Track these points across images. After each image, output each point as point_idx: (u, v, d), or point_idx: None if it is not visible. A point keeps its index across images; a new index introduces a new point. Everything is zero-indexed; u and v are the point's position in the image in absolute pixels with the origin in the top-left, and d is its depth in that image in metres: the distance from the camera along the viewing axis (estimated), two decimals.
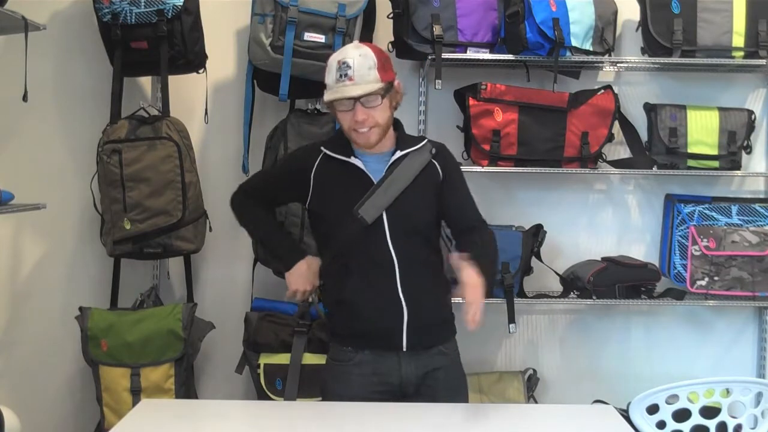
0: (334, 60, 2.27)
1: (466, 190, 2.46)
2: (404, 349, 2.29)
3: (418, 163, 2.35)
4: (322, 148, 2.38)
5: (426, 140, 2.42)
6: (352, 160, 2.32)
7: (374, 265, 2.30)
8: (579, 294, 3.12)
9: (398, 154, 2.33)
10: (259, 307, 2.97)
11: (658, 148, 3.12)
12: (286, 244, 2.59)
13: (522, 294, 3.07)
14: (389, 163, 2.33)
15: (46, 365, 3.19)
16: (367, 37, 3.00)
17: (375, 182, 2.31)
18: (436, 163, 2.39)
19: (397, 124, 2.41)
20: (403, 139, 2.39)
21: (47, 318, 3.19)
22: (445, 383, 2.35)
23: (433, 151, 2.39)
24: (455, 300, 2.34)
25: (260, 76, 3.01)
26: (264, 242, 2.73)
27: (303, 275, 2.42)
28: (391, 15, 3.02)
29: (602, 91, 3.11)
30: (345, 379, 2.33)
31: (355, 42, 2.40)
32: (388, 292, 2.29)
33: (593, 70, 3.25)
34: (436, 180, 2.38)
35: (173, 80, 2.97)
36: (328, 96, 2.27)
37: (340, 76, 2.23)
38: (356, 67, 2.22)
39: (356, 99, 2.23)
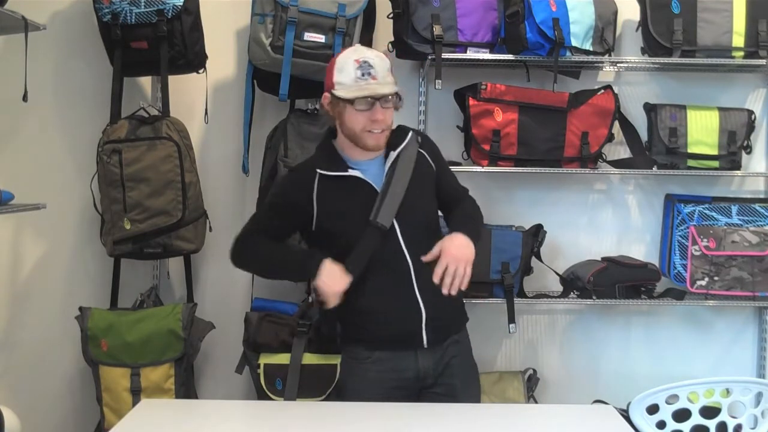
0: (349, 59, 2.24)
1: (449, 170, 2.51)
2: (425, 346, 2.31)
3: (412, 157, 2.36)
4: (318, 169, 2.33)
5: (410, 132, 2.41)
6: (351, 172, 2.31)
7: (389, 270, 2.30)
8: (579, 294, 3.12)
9: (393, 155, 2.33)
10: (259, 307, 2.97)
11: (658, 148, 3.12)
12: (299, 255, 2.43)
13: (522, 294, 3.07)
14: (388, 166, 2.33)
15: (46, 365, 3.19)
16: (367, 37, 3.00)
17: (377, 188, 2.30)
18: (424, 152, 2.41)
19: None
20: (391, 138, 2.37)
21: (47, 318, 3.19)
22: (459, 371, 2.38)
23: (419, 140, 2.42)
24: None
25: (260, 76, 3.01)
26: (278, 270, 2.46)
27: (336, 274, 2.25)
28: (391, 15, 3.02)
29: (602, 91, 3.10)
30: (362, 375, 2.34)
31: (359, 45, 2.39)
32: (405, 295, 2.29)
33: (593, 70, 3.25)
34: (429, 171, 2.41)
35: (173, 80, 2.97)
36: (349, 93, 2.22)
37: (363, 74, 2.21)
38: (378, 67, 2.23)
39: (379, 98, 2.23)
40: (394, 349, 2.32)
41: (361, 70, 2.22)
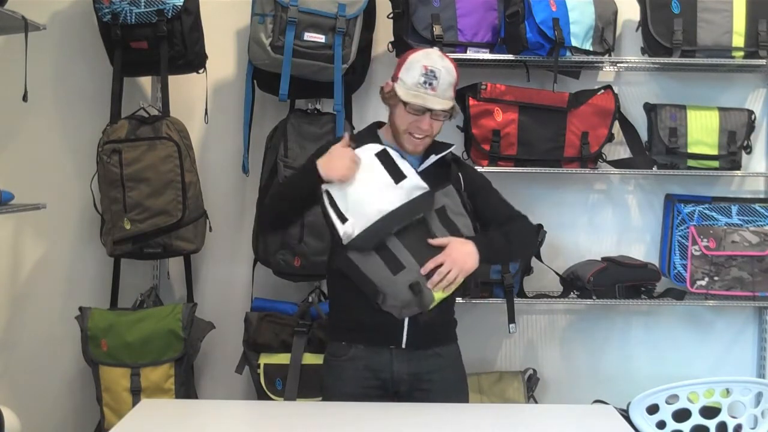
0: (418, 62, 2.24)
1: (495, 192, 2.46)
2: (403, 346, 2.29)
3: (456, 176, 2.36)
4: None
5: (453, 146, 2.40)
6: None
7: None
8: (579, 294, 3.12)
9: (433, 158, 2.33)
10: (259, 307, 2.98)
11: (658, 148, 3.12)
12: (300, 169, 2.40)
13: (522, 294, 3.07)
14: (421, 167, 2.31)
15: (46, 365, 3.19)
16: (367, 37, 3.00)
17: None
18: (460, 174, 2.40)
19: None
20: (434, 143, 2.38)
21: (47, 318, 3.19)
22: (440, 387, 2.33)
23: (455, 162, 2.42)
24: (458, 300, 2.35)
25: (260, 76, 3.01)
26: (292, 189, 2.38)
27: (335, 157, 2.21)
28: (391, 15, 3.02)
29: (602, 91, 3.10)
30: (338, 373, 2.33)
31: (437, 50, 2.34)
32: None
33: (593, 70, 3.25)
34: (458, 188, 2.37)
35: (173, 80, 2.97)
36: (405, 96, 2.23)
37: (425, 82, 2.22)
38: (441, 79, 2.23)
39: (430, 110, 2.23)
40: (369, 343, 2.30)
41: (426, 77, 2.22)
